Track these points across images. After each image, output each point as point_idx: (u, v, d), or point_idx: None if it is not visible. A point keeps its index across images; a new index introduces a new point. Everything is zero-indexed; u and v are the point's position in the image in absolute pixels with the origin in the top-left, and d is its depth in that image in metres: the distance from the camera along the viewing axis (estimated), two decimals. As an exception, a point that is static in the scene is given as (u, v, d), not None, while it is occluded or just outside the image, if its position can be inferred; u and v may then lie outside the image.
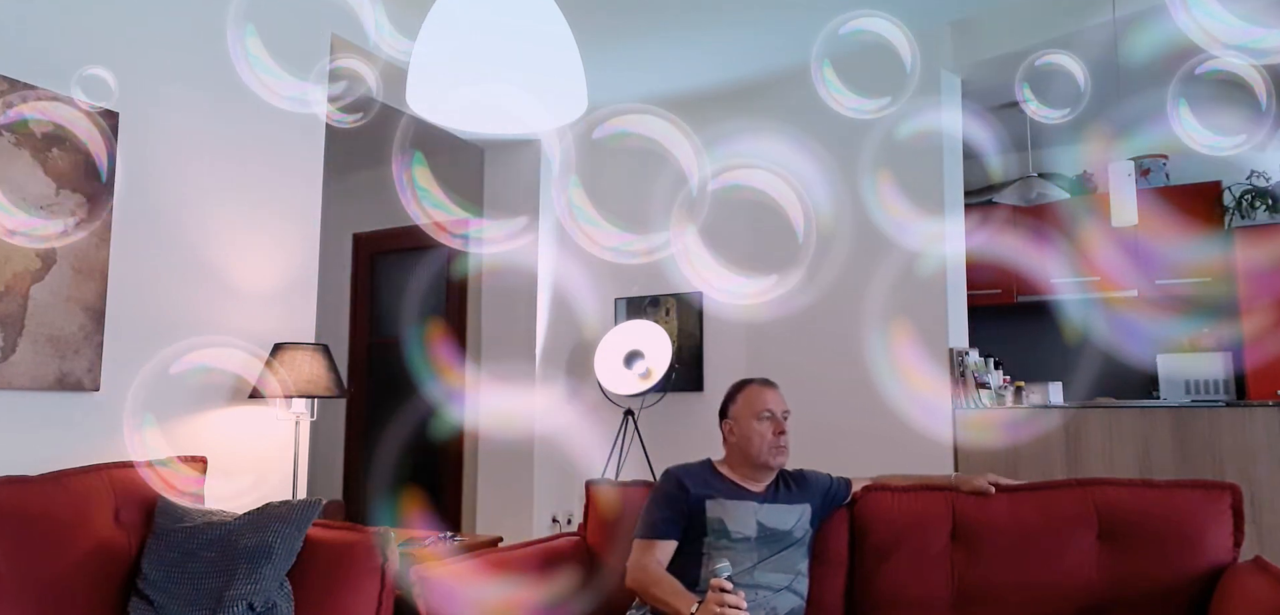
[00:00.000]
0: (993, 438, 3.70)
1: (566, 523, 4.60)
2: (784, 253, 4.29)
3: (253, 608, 2.13)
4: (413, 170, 1.43)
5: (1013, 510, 2.19)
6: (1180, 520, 2.04)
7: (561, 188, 1.37)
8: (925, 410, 3.84)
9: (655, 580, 2.10)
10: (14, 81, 2.44)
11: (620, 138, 1.45)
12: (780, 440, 2.24)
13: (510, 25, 1.33)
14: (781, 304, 4.26)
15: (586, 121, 1.31)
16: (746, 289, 3.90)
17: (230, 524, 2.28)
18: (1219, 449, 3.29)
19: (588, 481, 2.69)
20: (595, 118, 1.32)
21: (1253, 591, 1.79)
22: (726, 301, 4.00)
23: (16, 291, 2.41)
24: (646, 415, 4.54)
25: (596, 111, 1.26)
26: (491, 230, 4.34)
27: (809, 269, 4.19)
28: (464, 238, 2.98)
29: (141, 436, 2.73)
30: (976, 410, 3.83)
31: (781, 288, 3.93)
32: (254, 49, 2.84)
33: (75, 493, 2.22)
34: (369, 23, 2.71)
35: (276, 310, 3.21)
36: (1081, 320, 5.16)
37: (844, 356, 4.10)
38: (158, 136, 2.84)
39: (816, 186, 4.16)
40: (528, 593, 2.30)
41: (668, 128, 1.33)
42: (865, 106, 2.15)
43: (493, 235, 4.57)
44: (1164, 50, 2.94)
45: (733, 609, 1.87)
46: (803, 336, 4.20)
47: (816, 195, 4.16)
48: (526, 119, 1.54)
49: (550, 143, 3.92)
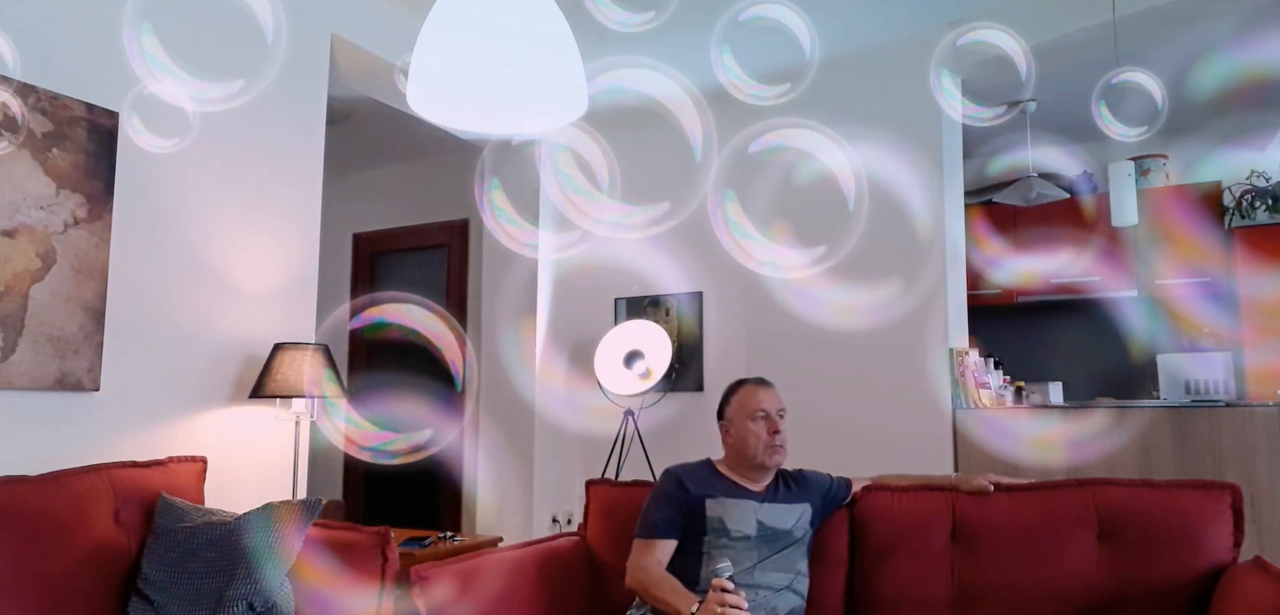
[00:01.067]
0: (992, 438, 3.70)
1: (566, 523, 4.60)
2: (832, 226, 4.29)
3: (253, 608, 2.13)
4: (491, 194, 1.47)
5: (1013, 510, 2.19)
6: (1180, 520, 2.04)
7: (717, 203, 1.38)
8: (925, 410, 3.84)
9: (655, 580, 2.10)
10: (14, 81, 2.44)
11: (776, 152, 1.43)
12: (776, 439, 2.24)
13: (510, 25, 1.33)
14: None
15: (741, 137, 1.30)
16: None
17: (230, 524, 2.28)
18: (1219, 449, 3.29)
19: (588, 481, 2.69)
20: (749, 133, 1.30)
21: (1253, 591, 1.79)
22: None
23: (16, 291, 2.41)
24: (646, 415, 4.54)
25: (752, 126, 1.23)
26: (548, 237, 4.33)
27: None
28: (532, 247, 3.02)
29: (141, 436, 2.73)
30: (976, 410, 3.83)
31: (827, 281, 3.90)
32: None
33: (75, 493, 2.22)
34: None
35: (276, 310, 3.21)
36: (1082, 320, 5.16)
37: (844, 355, 4.09)
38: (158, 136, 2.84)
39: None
40: (528, 593, 2.30)
41: (820, 139, 1.33)
42: (1133, 133, 2.19)
43: (549, 242, 4.56)
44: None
45: (733, 609, 1.86)
46: (803, 335, 4.20)
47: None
48: (526, 119, 1.54)
49: (706, 157, 3.88)
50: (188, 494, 2.49)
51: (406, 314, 2.62)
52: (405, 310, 2.59)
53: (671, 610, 2.00)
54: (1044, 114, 4.87)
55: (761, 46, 1.95)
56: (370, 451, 2.93)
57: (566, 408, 4.79)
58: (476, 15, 1.34)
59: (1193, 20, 3.76)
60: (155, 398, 2.79)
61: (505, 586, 2.26)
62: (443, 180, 5.51)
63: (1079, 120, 5.08)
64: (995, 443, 3.70)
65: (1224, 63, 3.78)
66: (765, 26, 1.60)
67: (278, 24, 1.77)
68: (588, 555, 2.54)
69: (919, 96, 4.04)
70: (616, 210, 1.22)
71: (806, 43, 1.47)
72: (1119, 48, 3.60)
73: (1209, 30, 3.97)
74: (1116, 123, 2.40)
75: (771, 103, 1.75)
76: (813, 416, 3.84)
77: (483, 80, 1.37)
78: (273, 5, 1.72)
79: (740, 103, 1.92)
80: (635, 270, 4.84)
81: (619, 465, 4.40)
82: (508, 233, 1.44)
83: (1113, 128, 2.39)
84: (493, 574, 2.27)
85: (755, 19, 1.46)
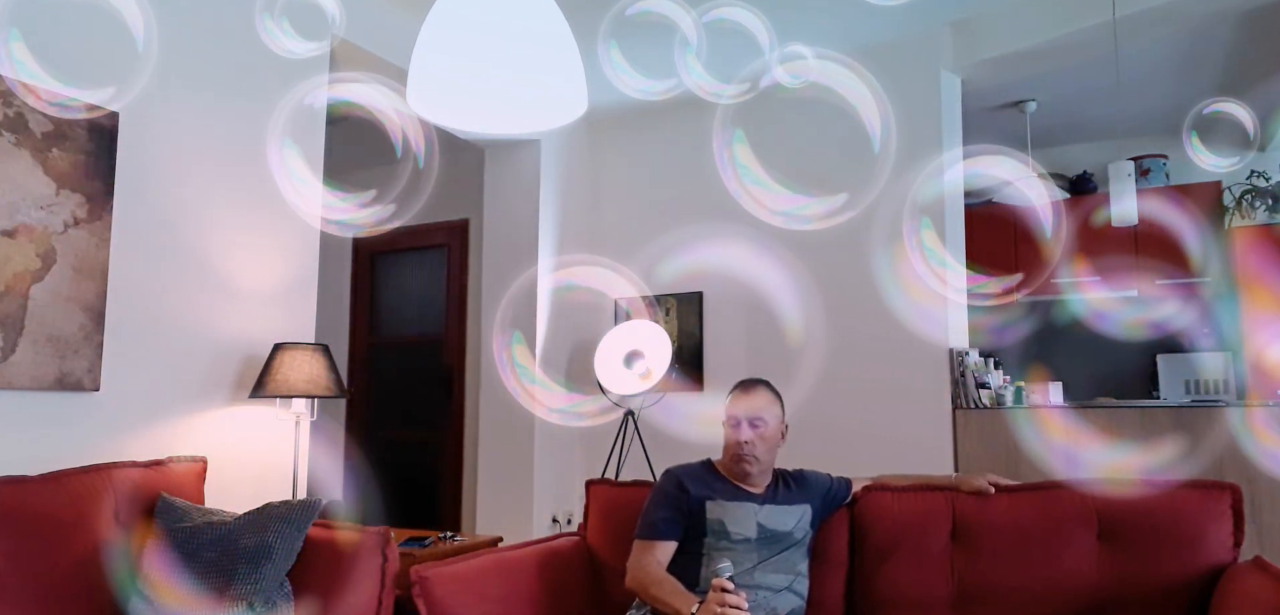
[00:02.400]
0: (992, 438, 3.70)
1: (566, 523, 4.60)
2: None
3: (253, 608, 2.13)
4: (733, 147, 1.41)
5: (1013, 510, 2.19)
6: (1180, 520, 2.04)
7: (723, 143, 1.32)
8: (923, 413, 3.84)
9: (655, 580, 2.10)
10: (14, 81, 2.44)
11: (792, 89, 1.38)
12: (743, 448, 2.20)
13: (510, 25, 1.33)
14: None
15: (750, 71, 1.23)
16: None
17: (230, 524, 2.28)
18: (1219, 449, 3.29)
19: (588, 481, 2.69)
20: (760, 66, 1.22)
21: (1253, 591, 1.79)
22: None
23: (16, 291, 2.41)
24: (646, 415, 4.54)
25: (761, 59, 1.17)
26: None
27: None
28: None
29: (141, 436, 2.73)
30: (976, 410, 3.83)
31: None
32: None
33: (75, 493, 2.22)
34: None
35: (276, 310, 3.21)
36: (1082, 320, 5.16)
37: (844, 356, 4.09)
38: (158, 136, 2.84)
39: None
40: (528, 593, 2.30)
41: (851, 77, 1.27)
42: (1224, 164, 2.18)
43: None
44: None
45: (733, 609, 1.86)
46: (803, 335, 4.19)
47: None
48: (526, 119, 1.54)
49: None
50: (188, 494, 2.49)
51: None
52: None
53: (671, 610, 2.00)
54: (1044, 114, 4.87)
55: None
56: (557, 414, 2.85)
57: (567, 408, 4.79)
58: (476, 15, 1.34)
59: (1193, 20, 3.77)
60: (155, 398, 2.79)
61: (505, 586, 2.26)
62: (443, 180, 5.50)
63: (1079, 120, 5.08)
64: (995, 443, 3.70)
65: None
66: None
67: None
68: (588, 555, 2.54)
69: (919, 96, 4.04)
70: (789, 201, 1.21)
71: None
72: (1119, 47, 3.61)
73: (1209, 30, 3.98)
74: (1207, 152, 2.41)
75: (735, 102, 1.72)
76: (813, 416, 3.84)
77: (483, 80, 1.37)
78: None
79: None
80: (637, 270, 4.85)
81: (619, 465, 4.40)
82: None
83: (1203, 158, 2.40)
84: (493, 574, 2.27)
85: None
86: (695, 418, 4.46)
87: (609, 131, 5.06)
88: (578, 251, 4.96)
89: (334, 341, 5.51)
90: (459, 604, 2.10)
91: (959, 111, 4.15)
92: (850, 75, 2.11)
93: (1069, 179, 5.29)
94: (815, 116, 4.21)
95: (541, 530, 4.50)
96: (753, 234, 4.42)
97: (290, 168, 3.13)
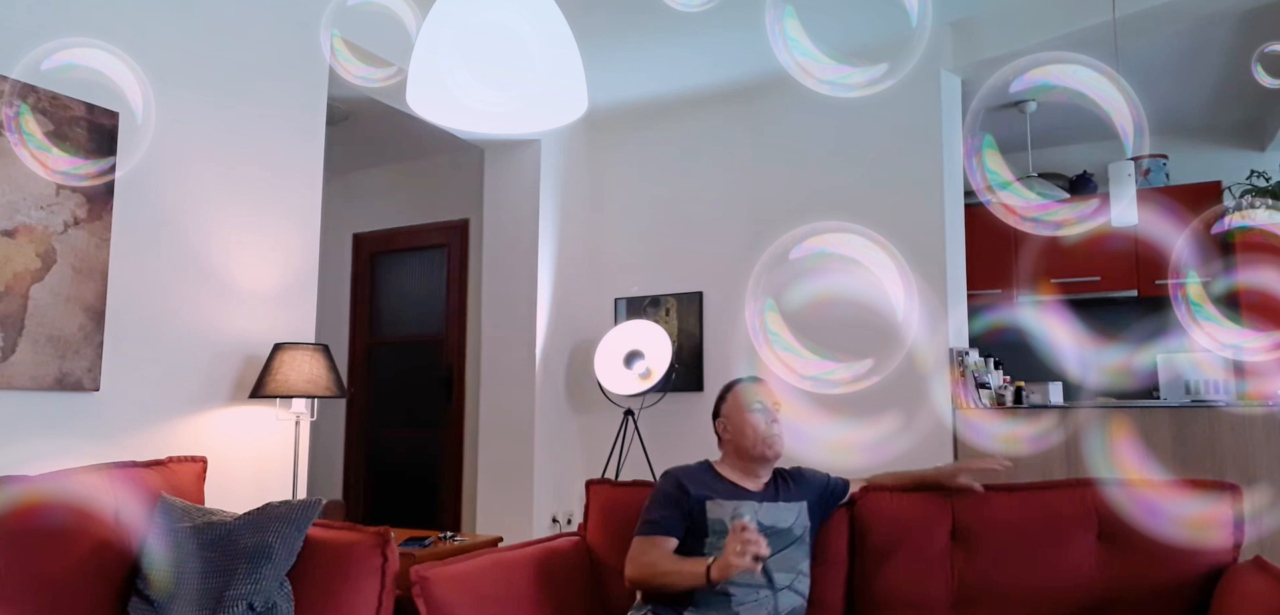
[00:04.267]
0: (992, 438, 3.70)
1: (566, 523, 4.60)
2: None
3: (253, 608, 2.13)
4: (983, 153, 1.38)
5: (1013, 510, 2.19)
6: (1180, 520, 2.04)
7: (972, 149, 1.30)
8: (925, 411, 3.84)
9: (664, 561, 2.12)
10: (15, 81, 2.44)
11: (1043, 91, 1.37)
12: (775, 429, 2.25)
13: (510, 25, 1.33)
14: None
15: (1000, 73, 1.22)
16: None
17: (230, 524, 2.28)
18: (1219, 449, 3.29)
19: (588, 481, 2.69)
20: (1011, 70, 1.21)
21: (1253, 592, 1.79)
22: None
23: (16, 291, 2.41)
24: (646, 415, 4.54)
25: (1010, 62, 1.15)
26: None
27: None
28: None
29: (141, 436, 2.73)
30: (976, 410, 3.83)
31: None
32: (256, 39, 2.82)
33: (75, 493, 2.22)
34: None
35: (276, 310, 3.21)
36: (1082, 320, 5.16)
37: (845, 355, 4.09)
38: (158, 136, 2.84)
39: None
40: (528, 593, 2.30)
41: (1102, 81, 1.24)
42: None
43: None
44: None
45: (755, 546, 1.87)
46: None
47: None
48: (526, 119, 1.54)
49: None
50: (188, 494, 2.49)
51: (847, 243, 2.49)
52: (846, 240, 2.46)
53: (686, 578, 2.02)
54: (1044, 114, 4.87)
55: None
56: (810, 381, 2.83)
57: (566, 407, 4.79)
58: (476, 15, 1.34)
59: (1193, 20, 3.76)
60: (155, 398, 2.79)
61: (505, 586, 2.26)
62: (443, 180, 5.51)
63: (1079, 120, 5.08)
64: (994, 443, 3.70)
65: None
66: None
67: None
68: (588, 555, 2.54)
69: (918, 96, 4.04)
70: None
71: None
72: (1119, 47, 3.60)
73: (1209, 30, 3.98)
74: (1271, 78, 2.46)
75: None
76: (812, 417, 3.84)
77: (483, 80, 1.37)
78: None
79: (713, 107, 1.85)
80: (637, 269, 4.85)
81: (619, 465, 4.40)
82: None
83: (1265, 80, 2.45)
84: (493, 574, 2.27)
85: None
86: (695, 418, 4.46)
87: (609, 131, 5.06)
88: (577, 252, 4.96)
89: (334, 341, 5.52)
90: (459, 604, 2.10)
91: (959, 111, 4.15)
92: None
93: (1069, 179, 5.29)
94: (820, 116, 4.20)
95: (541, 530, 4.50)
96: (753, 234, 4.42)
97: (290, 168, 3.11)
